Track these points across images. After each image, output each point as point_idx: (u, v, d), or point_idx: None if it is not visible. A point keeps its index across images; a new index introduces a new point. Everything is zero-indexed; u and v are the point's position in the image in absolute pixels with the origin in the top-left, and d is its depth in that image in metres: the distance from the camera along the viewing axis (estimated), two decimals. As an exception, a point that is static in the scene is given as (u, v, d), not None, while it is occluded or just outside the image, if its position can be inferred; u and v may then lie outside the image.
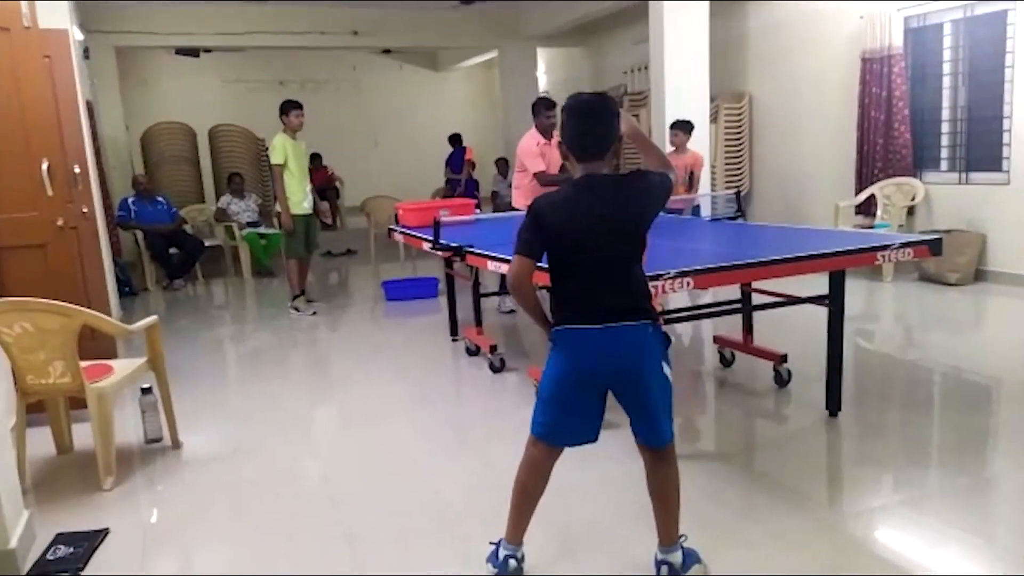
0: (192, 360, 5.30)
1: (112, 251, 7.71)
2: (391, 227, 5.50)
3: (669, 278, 2.90)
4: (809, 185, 7.97)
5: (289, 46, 10.30)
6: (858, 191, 7.14)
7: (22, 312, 3.08)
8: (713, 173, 8.39)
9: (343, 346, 5.77)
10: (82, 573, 2.58)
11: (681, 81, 7.43)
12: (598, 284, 2.20)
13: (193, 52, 10.40)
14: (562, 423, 2.30)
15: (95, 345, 5.00)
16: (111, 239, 7.75)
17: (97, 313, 3.24)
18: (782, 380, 4.04)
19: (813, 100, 7.83)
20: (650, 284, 2.83)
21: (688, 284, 2.95)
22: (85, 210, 4.94)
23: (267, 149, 10.71)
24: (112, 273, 6.45)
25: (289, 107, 6.20)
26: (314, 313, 6.47)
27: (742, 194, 5.06)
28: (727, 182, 8.51)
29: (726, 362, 4.47)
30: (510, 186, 10.67)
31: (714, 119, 8.35)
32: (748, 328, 4.26)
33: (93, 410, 3.22)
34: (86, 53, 8.68)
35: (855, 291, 6.50)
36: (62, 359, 3.16)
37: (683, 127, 6.36)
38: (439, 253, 4.34)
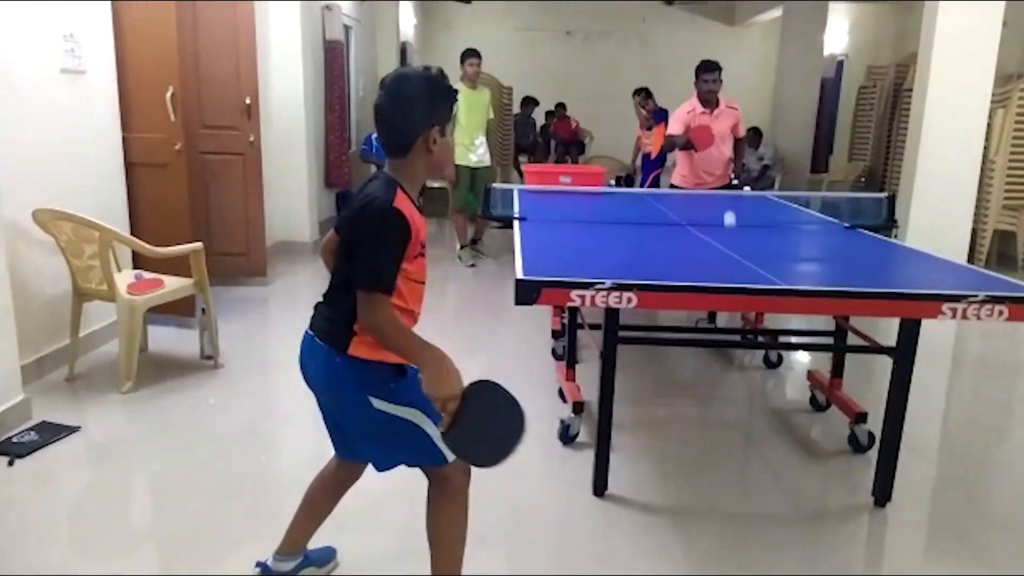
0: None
1: (344, 180, 8.45)
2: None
3: (603, 289, 2.37)
4: None
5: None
6: None
7: (68, 221, 3.47)
8: (991, 175, 6.71)
9: (469, 303, 5.73)
10: (20, 460, 2.88)
11: (955, 50, 5.96)
12: (327, 286, 1.92)
13: (465, -2, 10.79)
14: (325, 423, 2.04)
15: (247, 261, 5.62)
16: (343, 169, 8.47)
17: (125, 235, 3.56)
18: (858, 444, 3.13)
19: None
20: (576, 293, 2.39)
21: (629, 301, 2.38)
22: (252, 139, 5.41)
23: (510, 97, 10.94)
24: (312, 198, 7.03)
25: (465, 55, 6.19)
26: (472, 265, 6.49)
27: (896, 199, 3.87)
28: (1009, 189, 6.75)
29: (817, 405, 3.58)
30: (760, 159, 9.68)
31: (1002, 104, 6.62)
32: (836, 370, 3.36)
33: (121, 319, 3.56)
34: (366, -5, 9.44)
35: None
36: (98, 268, 3.51)
37: None
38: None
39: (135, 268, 3.99)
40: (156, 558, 2.39)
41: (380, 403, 1.82)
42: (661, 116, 7.62)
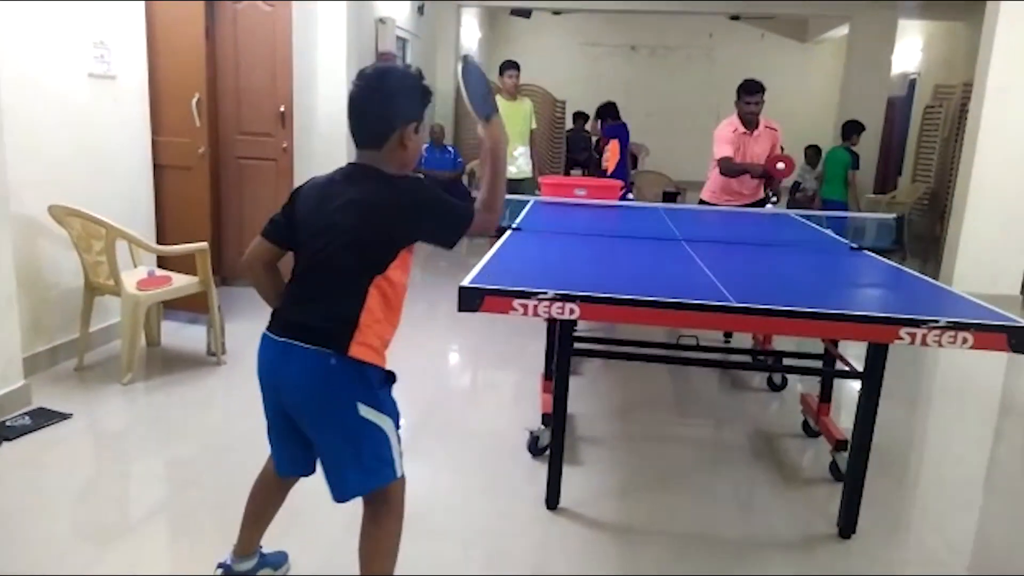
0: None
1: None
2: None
3: (545, 299, 2.34)
4: None
5: (611, 10, 10.19)
6: None
7: (77, 218, 3.64)
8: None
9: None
10: (7, 443, 3.02)
11: (1014, 69, 5.67)
12: (302, 289, 1.88)
13: (525, 13, 10.88)
14: (271, 441, 2.02)
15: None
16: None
17: (129, 232, 3.70)
18: (839, 472, 2.98)
19: None
20: (518, 302, 2.36)
21: (572, 312, 2.34)
22: (285, 146, 5.58)
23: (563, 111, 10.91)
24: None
25: (503, 68, 6.18)
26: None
27: (905, 221, 3.65)
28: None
29: (809, 431, 3.43)
30: (816, 178, 9.36)
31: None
32: (823, 395, 3.21)
33: (124, 312, 3.71)
34: (420, 10, 9.66)
35: None
36: (106, 264, 3.68)
37: None
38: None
39: (159, 266, 4.16)
40: (122, 547, 2.44)
41: (366, 410, 1.80)
42: (611, 132, 7.44)
